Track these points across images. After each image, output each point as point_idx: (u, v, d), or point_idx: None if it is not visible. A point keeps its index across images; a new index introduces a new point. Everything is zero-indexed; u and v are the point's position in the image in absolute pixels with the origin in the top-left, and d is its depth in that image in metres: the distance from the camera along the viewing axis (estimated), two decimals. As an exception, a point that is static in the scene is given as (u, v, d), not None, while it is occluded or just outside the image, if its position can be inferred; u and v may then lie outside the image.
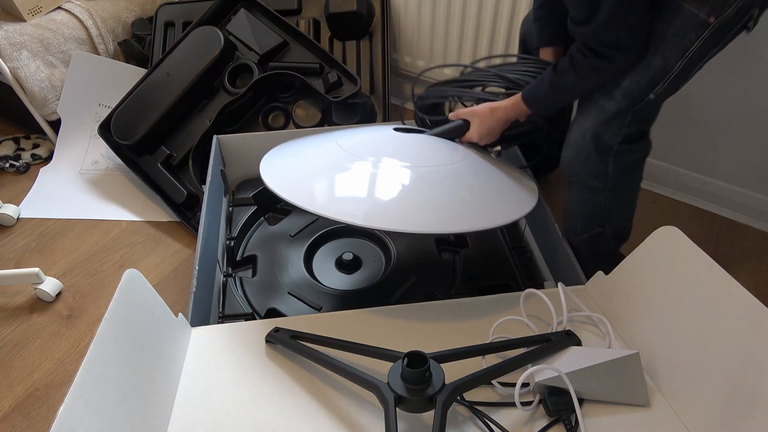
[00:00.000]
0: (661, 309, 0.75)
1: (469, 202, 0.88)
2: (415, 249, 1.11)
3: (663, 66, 0.83)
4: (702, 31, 0.79)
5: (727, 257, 1.26)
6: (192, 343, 0.82)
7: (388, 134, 1.04)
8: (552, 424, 0.69)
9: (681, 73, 0.83)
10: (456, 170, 0.92)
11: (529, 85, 0.94)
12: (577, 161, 0.93)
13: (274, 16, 1.47)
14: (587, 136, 0.90)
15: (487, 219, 0.85)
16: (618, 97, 0.86)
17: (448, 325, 0.84)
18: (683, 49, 0.81)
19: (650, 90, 0.85)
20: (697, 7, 0.79)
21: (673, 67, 0.82)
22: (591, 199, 0.97)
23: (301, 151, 1.01)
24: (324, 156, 0.96)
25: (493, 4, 1.37)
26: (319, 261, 1.12)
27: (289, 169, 0.94)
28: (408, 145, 0.98)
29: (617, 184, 0.94)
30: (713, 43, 0.81)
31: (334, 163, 0.92)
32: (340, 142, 0.98)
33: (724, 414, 0.64)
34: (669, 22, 0.81)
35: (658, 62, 0.83)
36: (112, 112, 1.41)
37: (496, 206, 0.89)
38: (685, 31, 0.80)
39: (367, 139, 1.02)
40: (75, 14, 1.54)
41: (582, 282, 0.92)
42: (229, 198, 1.26)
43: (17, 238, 1.34)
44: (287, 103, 1.47)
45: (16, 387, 1.03)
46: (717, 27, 0.79)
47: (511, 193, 0.93)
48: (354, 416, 0.71)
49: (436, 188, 0.87)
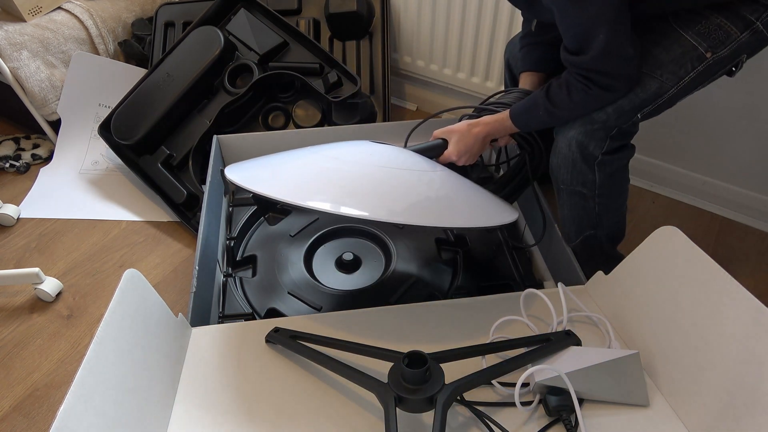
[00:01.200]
0: (661, 309, 0.75)
1: (454, 202, 0.84)
2: (415, 249, 1.12)
3: (658, 90, 0.84)
4: (698, 63, 0.83)
5: (727, 257, 1.26)
6: (192, 343, 0.82)
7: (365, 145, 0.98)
8: (552, 424, 0.69)
9: (670, 99, 0.86)
10: (434, 178, 0.87)
11: (519, 104, 0.94)
12: (563, 169, 0.94)
13: (274, 16, 1.47)
14: (572, 144, 0.90)
15: (476, 218, 0.83)
16: (609, 110, 0.86)
17: (448, 325, 0.84)
18: (679, 77, 0.84)
19: (639, 110, 0.86)
20: (697, 40, 0.82)
21: (666, 92, 0.85)
22: (581, 204, 0.98)
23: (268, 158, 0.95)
24: (296, 157, 0.90)
25: (493, 4, 1.37)
26: (319, 261, 1.12)
27: (258, 169, 0.88)
28: (384, 153, 0.92)
29: (605, 191, 0.95)
30: (703, 78, 0.85)
31: (306, 159, 0.87)
32: (313, 149, 0.93)
33: (724, 414, 0.64)
34: (668, 49, 0.84)
35: (654, 85, 0.84)
36: (112, 112, 1.41)
37: (481, 209, 0.86)
38: (684, 61, 0.83)
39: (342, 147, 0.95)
40: (75, 14, 1.54)
41: (582, 282, 0.92)
42: (229, 198, 1.26)
43: (17, 238, 1.34)
44: (287, 103, 1.47)
45: (16, 387, 1.03)
46: (711, 63, 0.83)
47: (492, 202, 0.90)
48: (354, 416, 0.71)
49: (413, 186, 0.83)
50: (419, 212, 0.76)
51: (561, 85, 0.86)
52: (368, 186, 0.79)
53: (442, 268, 1.08)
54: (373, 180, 0.80)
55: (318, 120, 1.45)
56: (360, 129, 1.27)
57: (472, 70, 1.53)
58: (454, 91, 1.63)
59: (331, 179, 0.80)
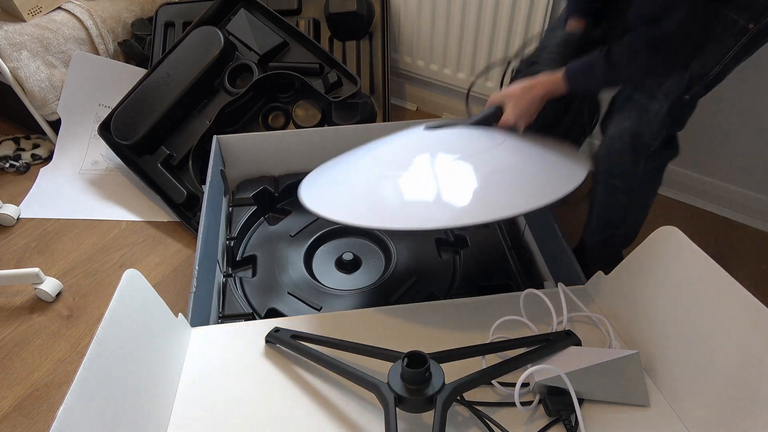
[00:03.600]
0: (661, 309, 0.75)
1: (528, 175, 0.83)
2: (415, 249, 1.11)
3: (701, 69, 0.84)
4: (741, 36, 0.82)
5: (727, 257, 1.26)
6: (192, 343, 0.82)
7: (421, 134, 0.99)
8: (552, 424, 0.69)
9: (716, 76, 0.86)
10: (502, 154, 0.87)
11: (575, 65, 0.91)
12: (608, 159, 0.94)
13: (274, 16, 1.47)
14: (625, 135, 0.90)
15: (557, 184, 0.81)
16: (660, 97, 0.87)
17: (448, 325, 0.84)
18: (721, 54, 0.83)
19: (687, 90, 0.86)
20: (738, 14, 0.81)
21: (710, 71, 0.85)
22: (612, 199, 0.98)
23: (341, 174, 0.95)
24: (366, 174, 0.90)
25: (493, 4, 1.37)
26: (319, 261, 1.12)
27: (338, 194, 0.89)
28: (445, 140, 0.93)
29: (640, 187, 0.95)
30: (749, 48, 0.84)
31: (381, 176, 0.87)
32: (376, 156, 0.93)
33: (724, 414, 0.64)
34: (707, 27, 0.83)
35: (696, 66, 0.84)
36: (112, 112, 1.41)
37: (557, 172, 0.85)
38: (725, 37, 0.82)
39: (401, 145, 0.97)
40: (75, 14, 1.54)
41: (582, 282, 0.92)
42: (229, 198, 1.26)
43: (17, 238, 1.34)
44: (287, 103, 1.47)
45: (16, 387, 1.03)
46: (755, 33, 0.82)
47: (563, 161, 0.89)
48: (354, 416, 0.71)
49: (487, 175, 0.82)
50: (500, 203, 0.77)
51: (623, 50, 0.84)
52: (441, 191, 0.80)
53: (442, 268, 1.08)
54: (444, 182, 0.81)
55: (318, 120, 1.45)
56: (360, 129, 1.27)
57: (472, 70, 1.53)
58: (454, 91, 1.63)
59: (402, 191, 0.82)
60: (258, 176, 1.30)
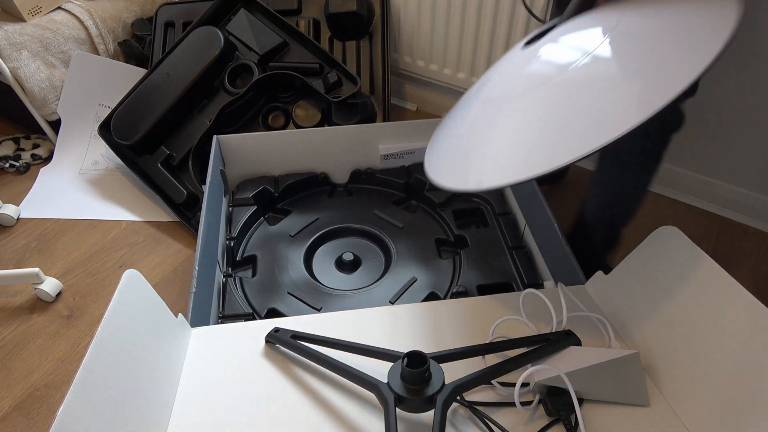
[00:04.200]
0: (661, 309, 0.75)
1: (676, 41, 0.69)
2: (415, 249, 1.12)
3: None
4: None
5: (727, 257, 1.26)
6: (192, 343, 0.82)
7: (521, 55, 0.87)
8: (552, 424, 0.69)
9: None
10: (614, 42, 0.73)
11: None
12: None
13: (274, 16, 1.47)
14: None
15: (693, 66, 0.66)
16: None
17: (448, 325, 0.84)
18: None
19: None
20: None
21: None
22: (618, 177, 0.97)
23: (455, 131, 0.86)
24: (503, 119, 0.78)
25: (493, 4, 1.37)
26: (319, 261, 1.12)
27: (448, 157, 0.81)
28: (555, 50, 0.80)
29: (647, 161, 0.94)
30: None
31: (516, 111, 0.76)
32: (496, 95, 0.82)
33: (724, 414, 0.64)
34: None
35: None
36: (112, 112, 1.41)
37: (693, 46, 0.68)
38: None
39: (506, 75, 0.85)
40: (75, 14, 1.54)
41: (582, 282, 0.92)
42: (229, 198, 1.26)
43: (17, 238, 1.34)
44: (287, 103, 1.47)
45: (16, 387, 1.03)
46: None
47: (706, 20, 0.71)
48: (354, 416, 0.71)
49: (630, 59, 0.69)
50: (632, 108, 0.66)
51: None
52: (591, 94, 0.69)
53: (442, 268, 1.08)
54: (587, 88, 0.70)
55: (318, 120, 1.45)
56: (360, 129, 1.27)
57: (472, 70, 1.53)
58: (454, 91, 1.63)
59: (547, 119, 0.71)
60: (258, 176, 1.30)
